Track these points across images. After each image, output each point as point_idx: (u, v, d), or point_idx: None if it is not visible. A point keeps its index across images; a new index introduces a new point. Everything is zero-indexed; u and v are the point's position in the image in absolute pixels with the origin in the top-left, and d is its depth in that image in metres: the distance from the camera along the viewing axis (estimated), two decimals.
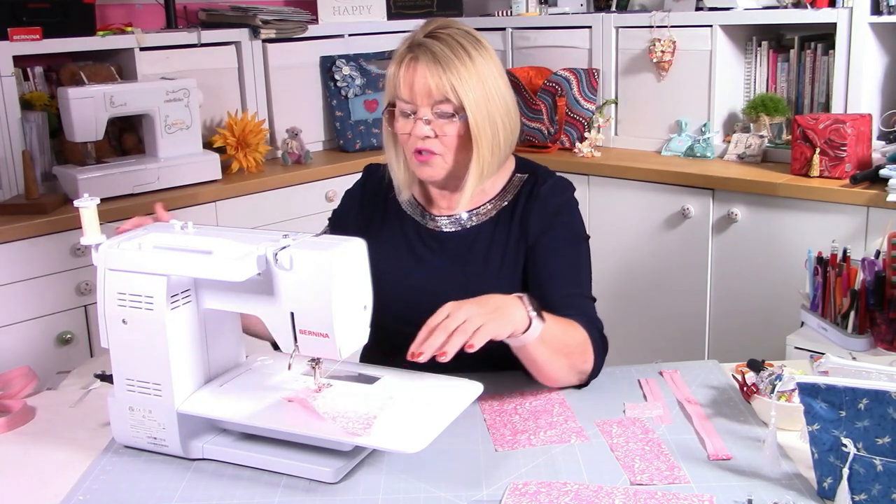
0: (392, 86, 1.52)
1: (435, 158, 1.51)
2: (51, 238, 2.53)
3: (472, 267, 1.58)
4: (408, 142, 1.52)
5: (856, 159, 2.61)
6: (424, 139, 1.49)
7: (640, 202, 2.99)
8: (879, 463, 1.06)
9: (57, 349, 2.55)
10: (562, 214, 1.59)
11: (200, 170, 2.91)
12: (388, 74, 1.53)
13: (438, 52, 1.47)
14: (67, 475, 1.26)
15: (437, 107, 1.48)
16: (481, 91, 1.48)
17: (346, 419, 1.21)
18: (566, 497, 1.14)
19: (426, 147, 1.50)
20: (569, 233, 1.58)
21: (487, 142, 1.51)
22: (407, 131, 1.51)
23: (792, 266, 2.58)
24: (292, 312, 1.22)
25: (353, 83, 3.43)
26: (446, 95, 1.47)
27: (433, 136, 1.50)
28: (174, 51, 3.05)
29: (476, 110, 1.48)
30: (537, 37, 3.49)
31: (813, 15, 2.78)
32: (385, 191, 1.67)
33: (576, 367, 1.43)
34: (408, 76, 1.49)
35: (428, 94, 1.47)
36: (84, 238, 1.30)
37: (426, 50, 1.48)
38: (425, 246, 1.61)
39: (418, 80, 1.47)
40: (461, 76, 1.47)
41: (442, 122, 1.49)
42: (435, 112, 1.49)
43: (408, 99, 1.49)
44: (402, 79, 1.49)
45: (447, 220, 1.62)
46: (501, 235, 1.59)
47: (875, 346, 2.00)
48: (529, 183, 1.61)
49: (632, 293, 3.05)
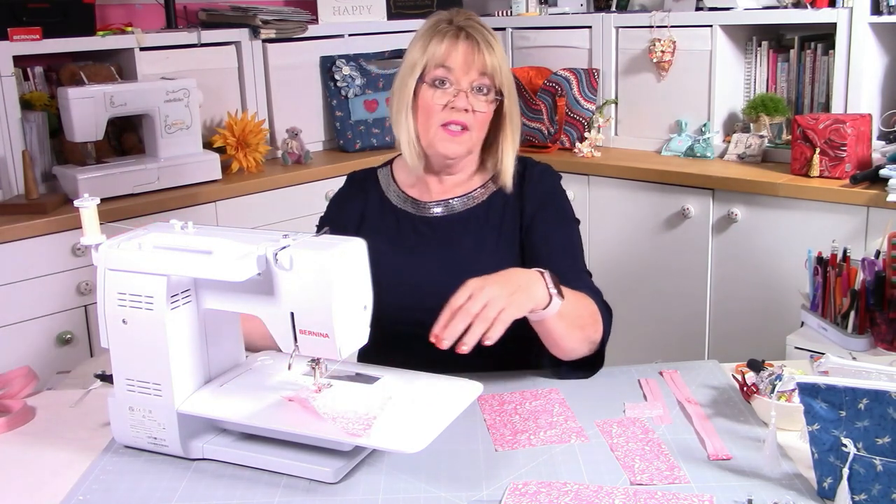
0: (434, 56, 1.56)
1: (463, 135, 1.57)
2: (51, 238, 2.53)
3: (466, 251, 1.60)
4: (439, 113, 1.56)
5: (856, 159, 2.61)
6: (462, 112, 1.55)
7: (640, 202, 2.99)
8: (879, 463, 1.06)
9: (57, 349, 2.55)
10: (555, 195, 1.64)
11: (200, 170, 2.91)
12: (428, 48, 1.56)
13: (486, 34, 1.56)
14: (67, 475, 1.26)
15: (480, 81, 1.55)
16: (509, 77, 1.59)
17: (346, 419, 1.20)
18: (566, 497, 1.14)
19: (461, 120, 1.55)
20: (563, 212, 1.63)
21: (517, 123, 1.61)
22: (444, 101, 1.55)
23: (792, 266, 2.58)
24: (292, 312, 1.22)
25: (353, 83, 3.43)
26: (493, 73, 1.55)
27: (471, 111, 1.55)
28: (174, 51, 3.05)
29: (510, 92, 1.59)
30: (537, 37, 3.49)
31: (813, 15, 2.78)
32: (373, 190, 1.70)
33: (589, 338, 1.46)
34: (463, 49, 1.55)
35: (479, 70, 1.55)
36: (84, 238, 1.30)
37: (476, 29, 1.56)
38: (418, 234, 1.63)
39: (473, 55, 1.54)
40: (501, 61, 1.57)
41: (480, 98, 1.56)
42: (475, 86, 1.55)
43: (456, 70, 1.55)
44: (454, 50, 1.55)
45: (439, 205, 1.65)
46: (496, 218, 1.62)
47: (875, 346, 2.00)
48: (519, 168, 1.66)
49: (632, 293, 3.05)
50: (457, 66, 1.54)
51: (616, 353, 1.62)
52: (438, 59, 1.55)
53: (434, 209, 1.64)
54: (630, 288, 3.06)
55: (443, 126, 1.56)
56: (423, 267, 1.60)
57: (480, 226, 1.62)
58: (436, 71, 1.55)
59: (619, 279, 3.07)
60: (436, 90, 1.56)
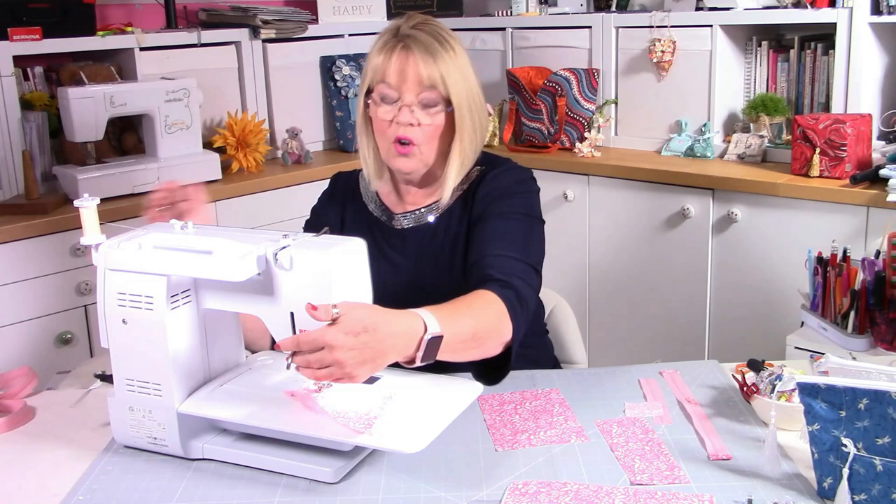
0: (376, 71, 1.53)
1: (414, 150, 1.52)
2: (51, 238, 2.53)
3: (429, 261, 1.59)
4: (388, 130, 1.52)
5: (856, 159, 2.61)
6: (407, 126, 1.50)
7: (640, 202, 2.99)
8: (879, 463, 1.06)
9: (57, 349, 2.56)
10: (508, 196, 1.56)
11: (200, 170, 2.91)
12: (372, 61, 1.54)
13: (428, 43, 1.50)
14: (67, 475, 1.26)
15: (424, 94, 1.50)
16: (463, 84, 1.52)
17: (347, 419, 1.20)
18: (566, 497, 1.14)
19: (407, 136, 1.51)
20: (514, 209, 1.54)
21: (468, 133, 1.54)
22: (389, 118, 1.52)
23: (792, 266, 2.58)
24: (292, 312, 1.22)
25: (353, 83, 3.43)
26: (435, 84, 1.49)
27: (416, 125, 1.51)
28: (174, 51, 3.05)
29: (460, 102, 1.52)
30: (537, 37, 3.49)
31: (813, 15, 2.78)
32: (353, 196, 1.69)
33: (490, 350, 1.34)
34: (398, 62, 1.50)
35: (418, 82, 1.49)
36: (84, 238, 1.30)
37: (416, 40, 1.50)
38: (390, 246, 1.62)
39: (409, 68, 1.49)
40: (449, 68, 1.50)
41: (426, 111, 1.51)
42: (420, 101, 1.50)
43: (395, 85, 1.50)
44: (391, 64, 1.50)
45: (409, 216, 1.63)
46: (455, 226, 1.59)
47: (875, 346, 2.00)
48: (484, 173, 1.61)
49: (632, 293, 3.05)
50: (394, 80, 1.50)
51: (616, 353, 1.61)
52: (379, 74, 1.52)
53: (403, 221, 1.62)
54: (630, 288, 3.06)
55: (395, 143, 1.52)
56: (393, 278, 1.58)
57: (443, 237, 1.59)
58: (379, 87, 1.52)
59: (618, 279, 3.07)
60: (381, 106, 1.52)
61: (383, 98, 1.52)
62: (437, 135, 1.53)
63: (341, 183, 1.74)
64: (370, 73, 1.54)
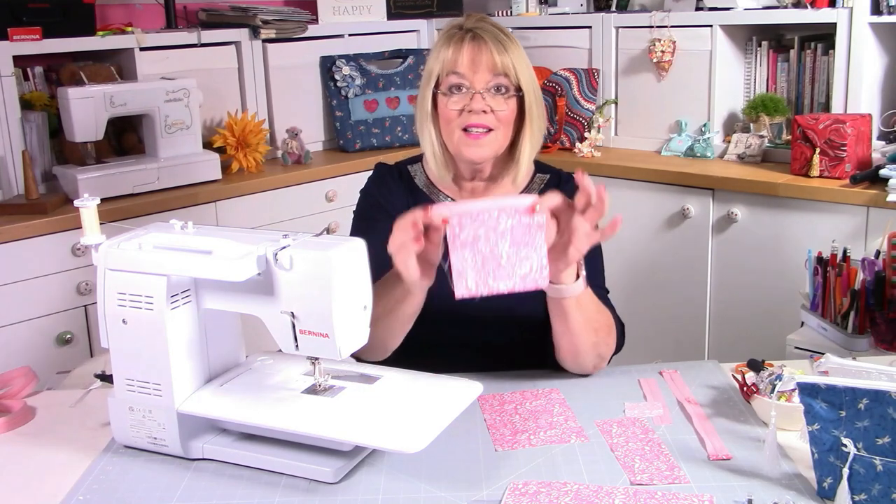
0: (445, 63, 1.55)
1: (486, 137, 1.54)
2: (51, 238, 2.53)
3: None
4: (457, 119, 1.54)
5: (856, 159, 2.61)
6: (480, 114, 1.53)
7: (640, 202, 2.99)
8: (879, 463, 1.06)
9: (57, 349, 2.55)
10: None
11: (200, 170, 2.91)
12: (440, 54, 1.56)
13: (496, 33, 1.55)
14: (67, 475, 1.26)
15: (496, 80, 1.53)
16: (529, 73, 1.58)
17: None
18: (566, 497, 1.14)
19: (481, 122, 1.53)
20: None
21: (537, 120, 1.59)
22: (459, 107, 1.54)
23: (792, 266, 2.58)
24: (292, 312, 1.22)
25: (353, 83, 3.43)
26: (507, 71, 1.54)
27: (489, 112, 1.53)
28: (174, 51, 3.05)
29: (528, 89, 1.57)
30: (537, 37, 3.49)
31: (813, 15, 2.78)
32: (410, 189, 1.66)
33: (598, 347, 1.47)
34: (469, 52, 1.54)
35: (490, 69, 1.53)
36: (84, 238, 1.30)
37: (485, 30, 1.55)
38: None
39: (481, 56, 1.53)
40: (517, 57, 1.56)
41: (498, 98, 1.54)
42: (492, 87, 1.54)
43: (467, 74, 1.53)
44: (462, 55, 1.54)
45: None
46: None
47: (875, 346, 1.99)
48: (553, 181, 1.66)
49: (632, 293, 3.05)
50: (466, 70, 1.53)
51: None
52: (449, 65, 1.54)
53: None
54: (630, 288, 3.05)
55: (464, 131, 1.54)
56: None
57: None
58: (449, 78, 1.54)
59: (619, 279, 3.07)
60: (451, 96, 1.54)
61: (452, 88, 1.54)
62: (509, 120, 1.56)
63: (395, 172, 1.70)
64: (438, 65, 1.56)
